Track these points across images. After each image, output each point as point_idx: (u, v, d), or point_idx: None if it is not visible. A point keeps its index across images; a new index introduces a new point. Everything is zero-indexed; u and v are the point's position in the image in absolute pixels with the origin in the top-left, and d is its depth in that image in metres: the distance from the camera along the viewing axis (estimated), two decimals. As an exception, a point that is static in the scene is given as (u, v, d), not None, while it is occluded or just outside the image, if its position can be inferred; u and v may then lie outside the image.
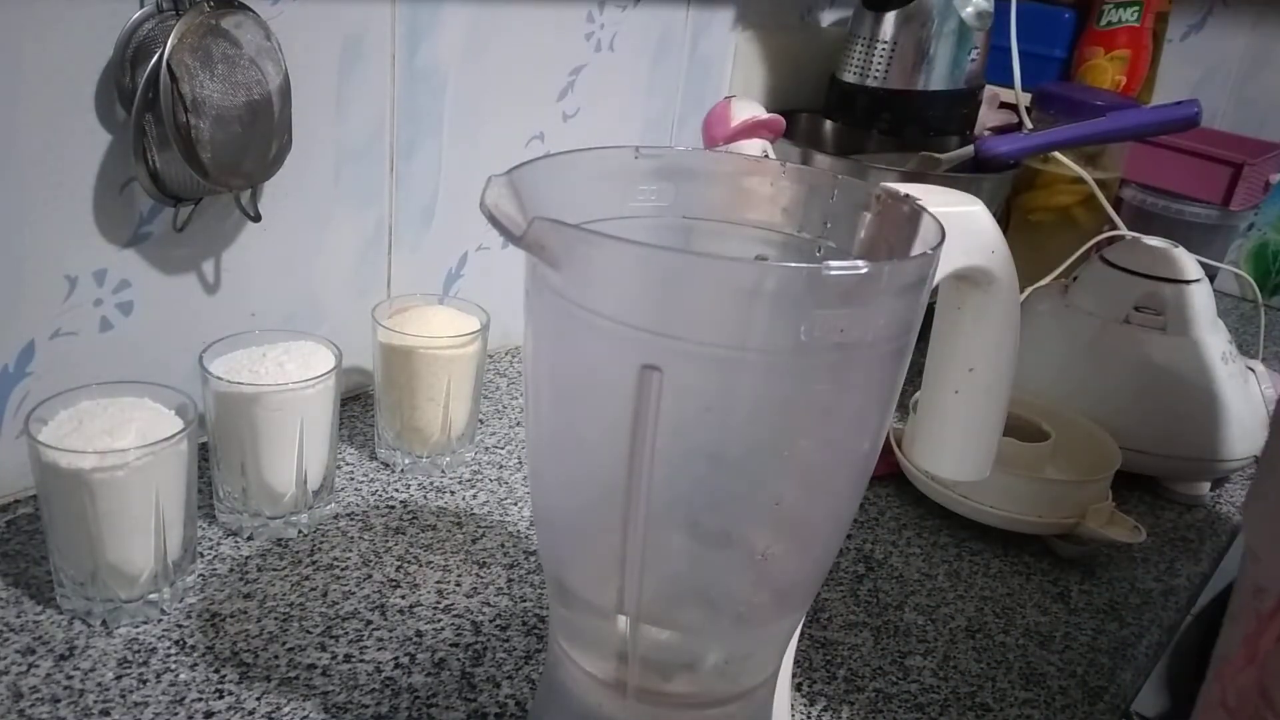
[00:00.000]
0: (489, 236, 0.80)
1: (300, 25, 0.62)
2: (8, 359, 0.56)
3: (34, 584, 0.53)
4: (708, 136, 0.78)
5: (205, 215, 0.61)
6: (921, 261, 0.33)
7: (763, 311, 0.31)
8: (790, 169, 0.41)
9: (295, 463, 0.57)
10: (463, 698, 0.49)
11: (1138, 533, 0.64)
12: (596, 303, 0.32)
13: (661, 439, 0.32)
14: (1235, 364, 0.76)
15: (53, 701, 0.46)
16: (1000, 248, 0.41)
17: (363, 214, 0.71)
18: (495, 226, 0.31)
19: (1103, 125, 0.85)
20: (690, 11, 0.88)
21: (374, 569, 0.57)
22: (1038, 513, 0.65)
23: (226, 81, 0.54)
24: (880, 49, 0.91)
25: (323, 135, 0.66)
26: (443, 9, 0.70)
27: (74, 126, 0.54)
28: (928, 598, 0.61)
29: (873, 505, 0.70)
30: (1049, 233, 1.00)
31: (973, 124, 0.99)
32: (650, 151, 0.40)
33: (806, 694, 0.52)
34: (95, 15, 0.53)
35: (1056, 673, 0.56)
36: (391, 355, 0.65)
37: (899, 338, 0.33)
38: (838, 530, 0.39)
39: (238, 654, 0.50)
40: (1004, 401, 0.45)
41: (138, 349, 0.61)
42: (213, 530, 0.59)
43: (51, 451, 0.47)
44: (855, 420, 0.35)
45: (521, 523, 0.63)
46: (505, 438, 0.73)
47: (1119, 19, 1.10)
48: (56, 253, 0.56)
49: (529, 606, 0.56)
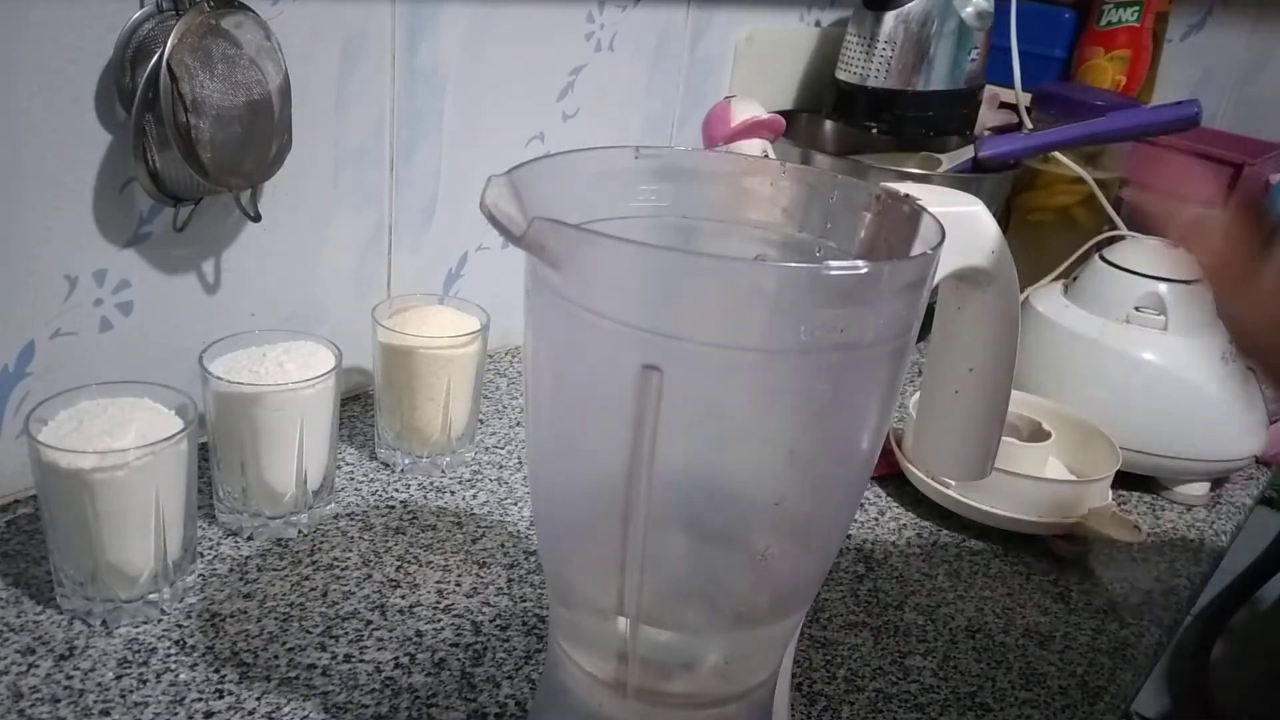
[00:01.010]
0: (489, 236, 0.80)
1: (300, 25, 0.62)
2: (8, 359, 0.56)
3: (34, 584, 0.53)
4: (708, 136, 0.78)
5: (205, 215, 0.61)
6: (921, 261, 0.33)
7: (763, 311, 0.31)
8: (790, 169, 0.41)
9: (295, 463, 0.57)
10: (463, 698, 0.49)
11: (1138, 533, 0.64)
12: (596, 303, 0.32)
13: (661, 439, 0.32)
14: (1235, 364, 0.76)
15: (53, 701, 0.46)
16: (1000, 248, 0.41)
17: (363, 214, 0.71)
18: (495, 226, 0.31)
19: (1103, 125, 0.85)
20: (690, 11, 0.88)
21: (374, 569, 0.57)
22: (1038, 513, 0.65)
23: (226, 81, 0.54)
24: (880, 49, 0.91)
25: (323, 135, 0.66)
26: (443, 9, 0.70)
27: (74, 126, 0.54)
28: (928, 598, 0.61)
29: (873, 505, 0.70)
30: (1049, 233, 1.00)
31: (973, 124, 0.99)
32: (650, 151, 0.40)
33: (806, 694, 0.52)
34: (95, 15, 0.53)
35: (1056, 673, 0.56)
36: (391, 355, 0.65)
37: (899, 338, 0.33)
38: (838, 530, 0.39)
39: (238, 654, 0.50)
40: (1004, 401, 0.45)
41: (138, 349, 0.61)
42: (213, 530, 0.59)
43: (51, 451, 0.47)
44: (855, 420, 0.35)
45: (521, 523, 0.63)
46: (505, 438, 0.73)
47: (1119, 19, 1.10)
48: (56, 253, 0.56)
49: (529, 606, 0.56)
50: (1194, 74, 1.25)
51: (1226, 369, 0.75)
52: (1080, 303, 0.79)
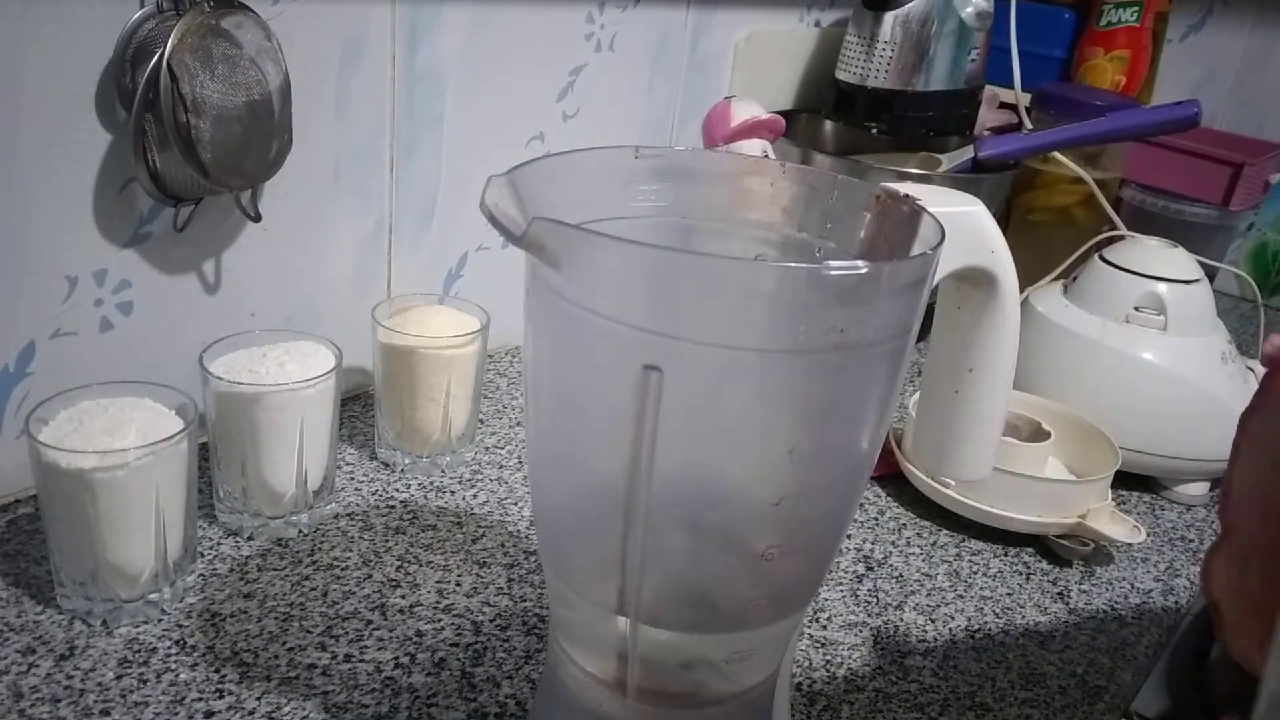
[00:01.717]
0: (489, 236, 0.80)
1: (300, 25, 0.62)
2: (8, 359, 0.56)
3: (34, 584, 0.53)
4: (708, 136, 0.78)
5: (205, 215, 0.61)
6: (921, 261, 0.33)
7: (762, 311, 0.31)
8: (790, 169, 0.41)
9: (295, 463, 0.57)
10: (463, 698, 0.49)
11: (1138, 533, 0.64)
12: (596, 303, 0.32)
13: (661, 439, 0.32)
14: (1235, 364, 0.76)
15: (53, 701, 0.46)
16: (1000, 248, 0.41)
17: (363, 214, 0.71)
18: (495, 226, 0.31)
19: (1103, 125, 0.85)
20: (690, 11, 0.88)
21: (374, 569, 0.57)
22: (1038, 513, 0.65)
23: (226, 81, 0.54)
24: (880, 49, 0.91)
25: (323, 135, 0.66)
26: (443, 9, 0.70)
27: (74, 126, 0.54)
28: (928, 598, 0.61)
29: (873, 505, 0.70)
30: (1049, 233, 1.00)
31: (973, 124, 0.99)
32: (650, 151, 0.40)
33: (806, 694, 0.52)
34: (95, 15, 0.53)
35: (1056, 673, 0.56)
36: (391, 355, 0.65)
37: (899, 338, 0.33)
38: (838, 530, 0.39)
39: (238, 654, 0.50)
40: (1004, 401, 0.45)
41: (138, 349, 0.61)
42: (213, 530, 0.59)
43: (51, 451, 0.47)
44: (855, 420, 0.35)
45: (521, 523, 0.63)
46: (505, 438, 0.73)
47: (1119, 19, 1.10)
48: (56, 253, 0.56)
49: (529, 606, 0.56)
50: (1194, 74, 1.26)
51: (1226, 369, 0.75)
52: (1080, 303, 0.79)
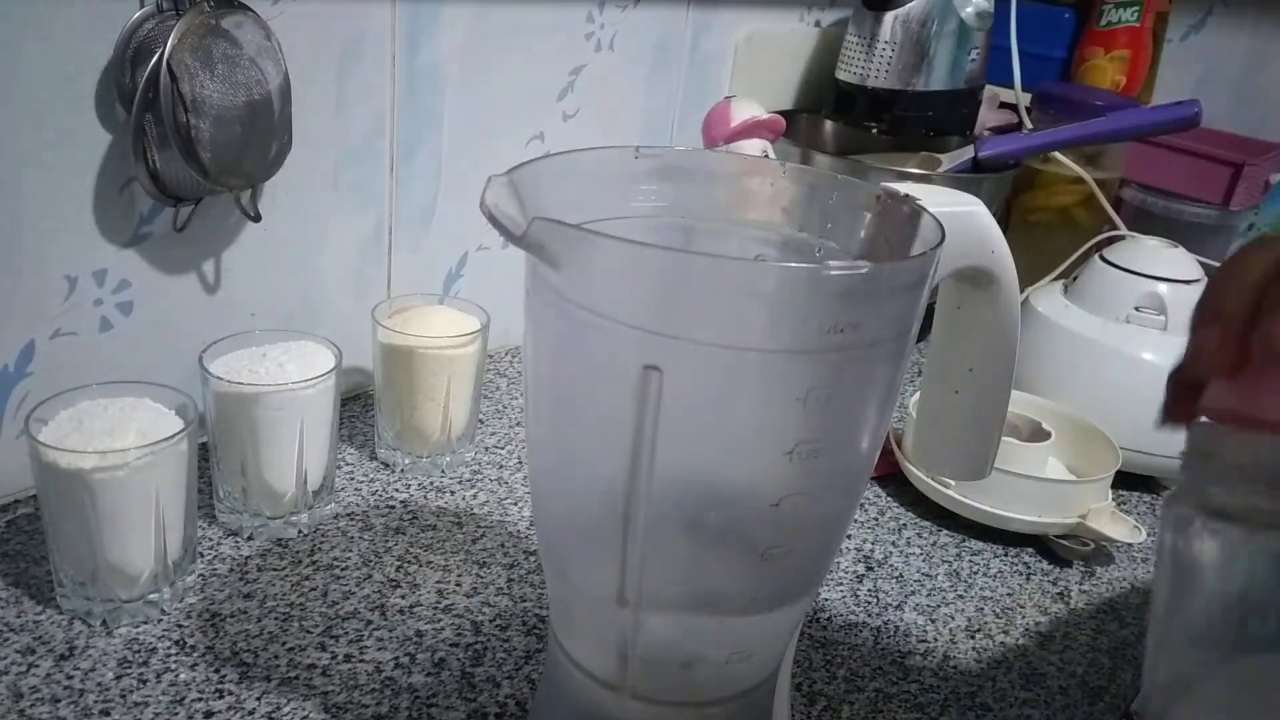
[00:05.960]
0: (489, 236, 0.80)
1: (300, 25, 0.62)
2: (8, 359, 0.56)
3: (34, 584, 0.53)
4: (708, 136, 0.78)
5: (205, 215, 0.61)
6: (921, 261, 0.33)
7: (763, 312, 0.31)
8: (790, 169, 0.41)
9: (295, 463, 0.57)
10: (463, 698, 0.49)
11: (1137, 533, 0.64)
12: (596, 303, 0.32)
13: (662, 439, 0.32)
14: (1235, 364, 0.76)
15: (53, 701, 0.46)
16: (1000, 248, 0.41)
17: (363, 214, 0.71)
18: (495, 226, 0.31)
19: (1103, 125, 0.85)
20: (690, 11, 0.88)
21: (374, 569, 0.57)
22: (1038, 513, 0.65)
23: (226, 81, 0.54)
24: (880, 49, 0.91)
25: (323, 135, 0.66)
26: (443, 9, 0.70)
27: (74, 126, 0.54)
28: (928, 598, 0.61)
29: (873, 505, 0.70)
30: (1049, 233, 1.00)
31: (973, 124, 0.99)
32: (650, 151, 0.40)
33: (806, 694, 0.52)
34: (95, 15, 0.53)
35: (1056, 673, 0.56)
36: (391, 355, 0.65)
37: (899, 338, 0.33)
38: (837, 530, 0.39)
39: (238, 654, 0.50)
40: (1004, 401, 0.45)
41: (138, 349, 0.61)
42: (213, 530, 0.59)
43: (51, 451, 0.47)
44: (855, 420, 0.35)
45: (521, 523, 0.63)
46: (505, 438, 0.73)
47: (1119, 19, 1.10)
48: (56, 253, 0.56)
49: (529, 606, 0.56)
50: (1194, 74, 1.25)
51: (1226, 369, 0.75)
52: (1080, 303, 0.79)
